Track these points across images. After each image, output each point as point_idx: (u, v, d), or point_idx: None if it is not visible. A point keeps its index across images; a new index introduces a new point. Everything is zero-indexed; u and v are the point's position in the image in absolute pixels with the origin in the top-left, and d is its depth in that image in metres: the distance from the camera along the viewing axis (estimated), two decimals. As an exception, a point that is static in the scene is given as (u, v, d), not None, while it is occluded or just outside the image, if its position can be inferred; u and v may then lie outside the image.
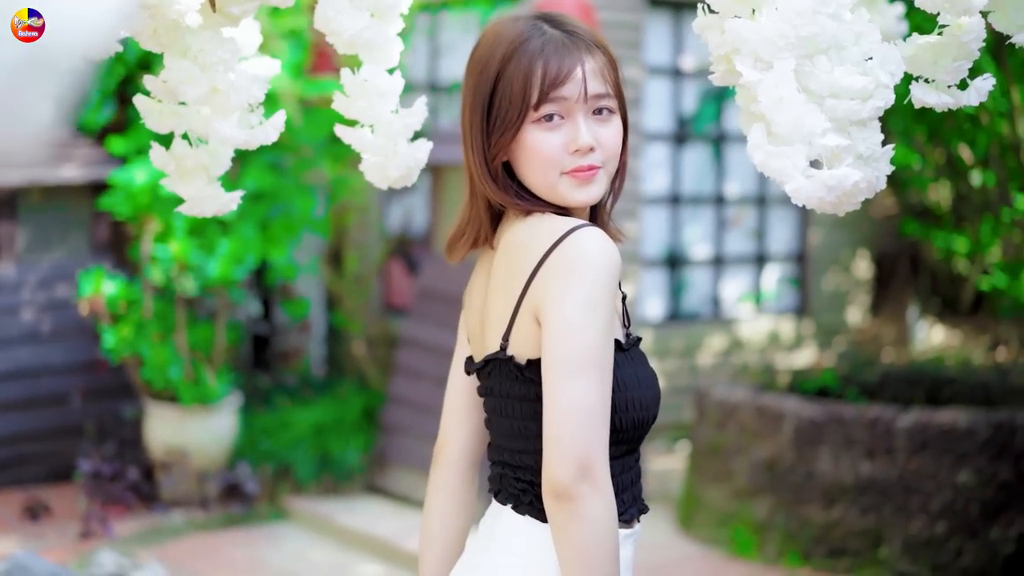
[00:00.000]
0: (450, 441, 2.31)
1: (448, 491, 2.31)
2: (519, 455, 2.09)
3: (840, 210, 2.16)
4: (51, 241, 7.78)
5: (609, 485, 1.93)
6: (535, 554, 2.05)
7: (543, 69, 2.08)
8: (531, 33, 2.12)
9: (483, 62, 2.13)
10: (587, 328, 1.95)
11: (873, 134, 2.20)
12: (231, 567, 6.28)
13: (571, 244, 2.00)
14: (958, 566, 5.86)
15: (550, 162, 2.10)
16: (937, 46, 2.26)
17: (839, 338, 9.37)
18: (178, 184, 2.59)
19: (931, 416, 5.91)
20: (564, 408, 1.93)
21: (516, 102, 2.09)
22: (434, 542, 2.30)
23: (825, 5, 2.12)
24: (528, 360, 2.05)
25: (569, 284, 1.97)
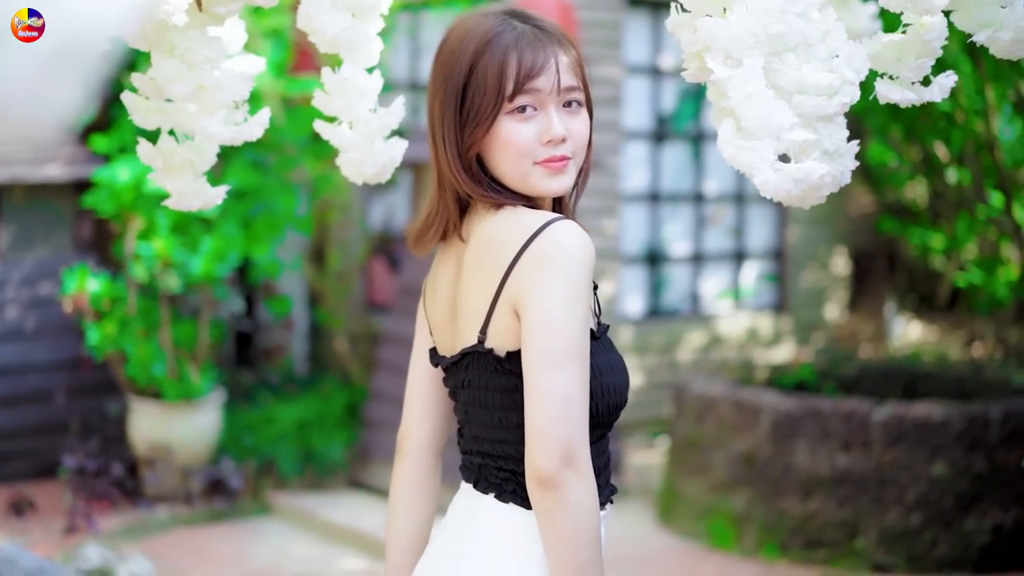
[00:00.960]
0: (413, 432, 2.36)
1: (413, 481, 2.36)
2: (500, 445, 2.15)
3: (806, 203, 2.22)
4: (35, 239, 7.82)
5: (591, 471, 1.99)
6: (520, 540, 2.11)
7: (518, 61, 2.13)
8: (503, 28, 2.17)
9: (454, 56, 2.17)
10: (567, 320, 2.00)
11: (839, 130, 2.26)
12: (215, 561, 6.33)
13: (547, 238, 2.04)
14: (933, 557, 5.95)
15: (524, 152, 2.14)
16: (901, 44, 2.33)
17: (817, 334, 9.46)
18: (165, 179, 2.65)
19: (906, 409, 6.00)
20: (546, 399, 1.98)
21: (491, 94, 2.13)
22: (400, 532, 2.36)
23: (793, 4, 2.18)
24: (508, 352, 2.10)
25: (547, 277, 2.02)
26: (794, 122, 2.15)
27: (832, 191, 2.22)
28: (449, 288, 2.24)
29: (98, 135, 7.41)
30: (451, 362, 2.22)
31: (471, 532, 2.17)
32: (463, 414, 2.24)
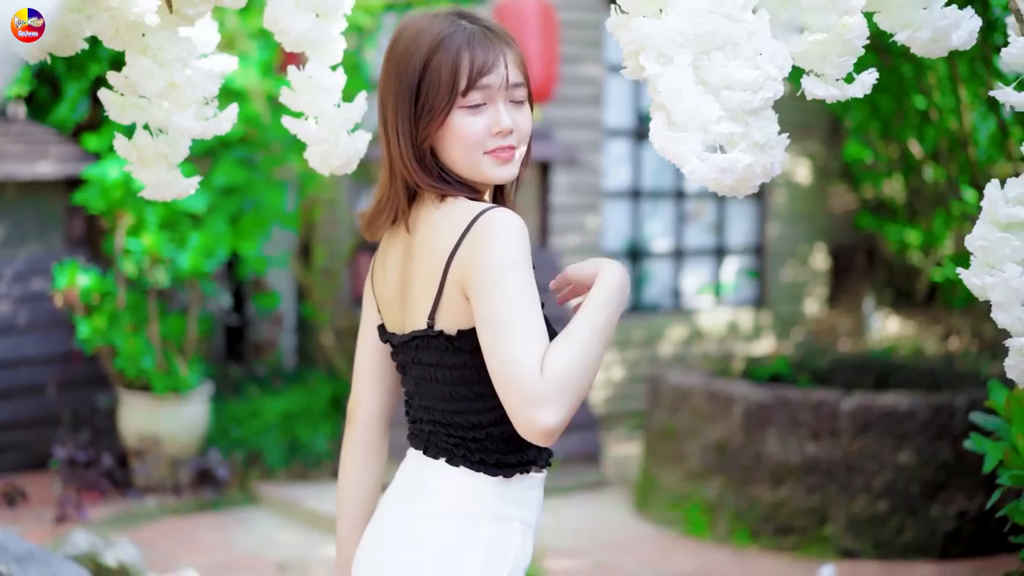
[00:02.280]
0: (363, 401, 2.53)
1: (363, 448, 2.53)
2: (450, 415, 2.32)
3: (739, 193, 2.36)
4: (27, 235, 7.98)
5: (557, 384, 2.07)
6: (469, 500, 2.29)
7: (470, 59, 2.30)
8: (454, 28, 2.33)
9: (407, 54, 2.33)
10: (503, 286, 2.15)
11: (769, 123, 2.40)
12: (201, 549, 6.49)
13: (484, 220, 2.21)
14: (900, 542, 6.11)
15: (475, 143, 2.31)
16: (824, 43, 2.48)
17: (797, 329, 9.62)
18: (140, 171, 2.81)
19: (873, 399, 6.16)
20: (498, 361, 2.12)
21: (445, 90, 2.29)
22: (350, 496, 2.53)
23: (720, 5, 2.33)
24: (459, 331, 2.27)
25: (487, 253, 2.18)
26: (721, 115, 2.30)
27: (763, 180, 2.37)
28: (398, 270, 2.40)
29: (89, 134, 7.58)
30: (401, 341, 2.39)
31: (422, 494, 2.33)
32: (413, 387, 2.41)
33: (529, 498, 2.34)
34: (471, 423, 2.29)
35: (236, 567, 6.19)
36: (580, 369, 2.09)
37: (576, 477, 7.43)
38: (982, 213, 2.51)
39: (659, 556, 6.27)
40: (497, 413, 2.28)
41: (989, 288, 2.47)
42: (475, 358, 2.26)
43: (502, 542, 2.29)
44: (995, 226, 2.49)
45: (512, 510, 2.31)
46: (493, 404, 2.27)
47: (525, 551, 2.33)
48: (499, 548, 2.28)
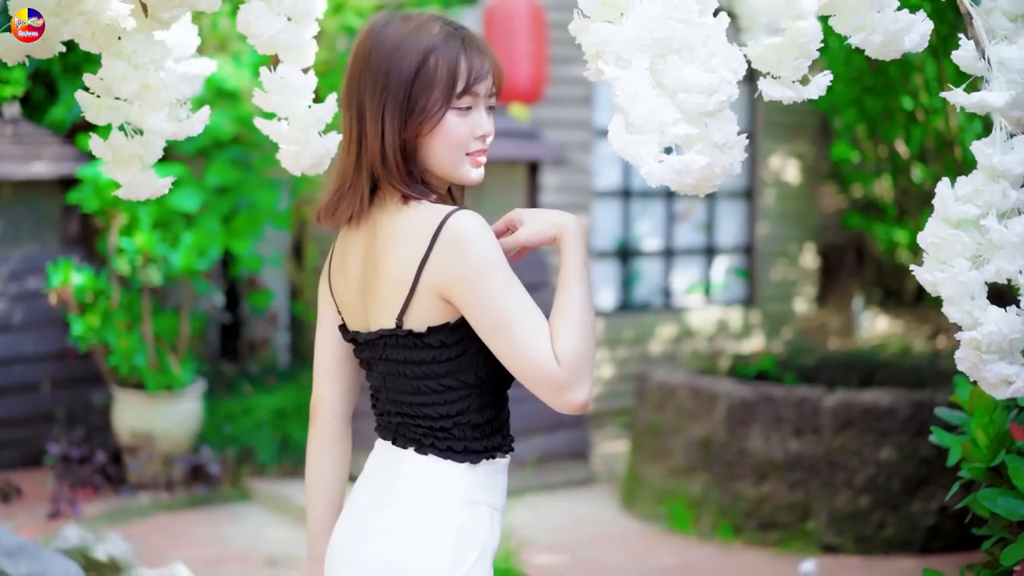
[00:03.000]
0: (325, 399, 2.61)
1: (328, 444, 2.61)
2: (418, 407, 2.41)
3: (700, 192, 2.42)
4: (23, 234, 8.06)
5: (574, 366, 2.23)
6: (439, 486, 2.38)
7: (468, 65, 2.40)
8: (447, 32, 2.42)
9: (400, 52, 2.40)
10: (492, 290, 2.27)
11: (728, 124, 2.46)
12: (193, 544, 6.56)
13: (450, 228, 2.30)
14: (881, 538, 6.18)
15: (461, 144, 2.41)
16: (780, 46, 2.54)
17: (786, 327, 9.68)
18: (115, 171, 2.87)
19: (855, 396, 6.23)
20: (511, 360, 2.26)
21: (442, 91, 2.38)
22: (318, 492, 2.61)
23: (676, 10, 2.40)
24: (428, 328, 2.36)
25: (467, 262, 2.28)
26: (677, 118, 2.36)
27: (723, 180, 2.44)
28: (359, 269, 2.47)
29: (84, 134, 7.65)
30: (367, 339, 2.46)
31: (392, 483, 2.42)
32: (380, 381, 2.49)
33: (495, 482, 2.43)
34: (439, 414, 2.38)
35: (226, 562, 6.26)
36: (586, 343, 2.26)
37: (564, 474, 7.50)
38: (934, 211, 2.58)
39: (642, 551, 6.34)
40: (464, 404, 2.38)
41: (939, 283, 2.54)
42: (443, 353, 2.36)
43: (471, 526, 2.37)
44: (946, 223, 2.56)
45: (480, 494, 2.40)
46: (460, 396, 2.37)
47: (493, 534, 2.42)
48: (469, 531, 2.37)
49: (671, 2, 2.38)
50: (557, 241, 2.42)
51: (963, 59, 2.63)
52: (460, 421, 2.38)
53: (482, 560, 2.38)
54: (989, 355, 2.50)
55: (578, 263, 2.35)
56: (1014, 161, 2.52)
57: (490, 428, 2.41)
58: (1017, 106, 2.61)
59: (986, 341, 2.48)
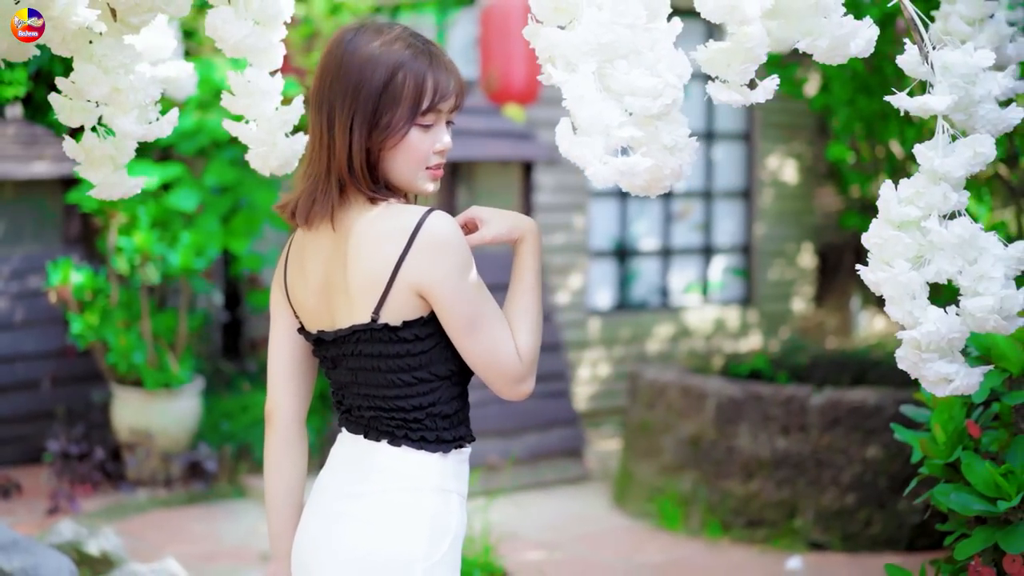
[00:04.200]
0: (280, 404, 2.67)
1: (285, 447, 2.67)
2: (391, 400, 2.50)
3: (651, 192, 2.48)
4: (24, 234, 8.15)
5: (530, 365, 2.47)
6: (413, 475, 2.48)
7: (434, 84, 2.50)
8: (416, 49, 2.51)
9: (370, 65, 2.48)
10: (467, 291, 2.43)
11: (678, 127, 2.52)
12: (188, 539, 6.65)
13: (429, 231, 2.41)
14: (867, 535, 6.24)
15: (421, 159, 2.52)
16: (727, 51, 2.60)
17: (784, 327, 9.73)
18: (88, 171, 2.95)
19: (842, 395, 6.29)
20: (478, 358, 2.44)
21: (407, 106, 2.48)
22: (277, 494, 2.67)
23: (622, 16, 2.46)
24: (404, 322, 2.45)
25: (443, 264, 2.41)
26: (623, 121, 2.43)
27: (674, 181, 2.50)
28: (322, 270, 2.55)
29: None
30: (336, 337, 2.53)
31: (368, 475, 2.50)
32: (349, 377, 2.56)
33: (462, 471, 2.55)
34: (412, 406, 2.48)
35: (220, 557, 6.34)
36: (538, 340, 2.50)
37: (558, 472, 7.56)
38: (879, 212, 2.65)
39: (632, 548, 6.40)
40: (435, 396, 2.49)
41: (881, 283, 2.60)
42: (417, 346, 2.46)
43: (444, 512, 2.48)
44: (889, 224, 2.62)
45: (451, 483, 2.51)
46: (431, 388, 2.48)
47: (463, 520, 2.53)
48: (442, 518, 2.47)
49: (618, 8, 2.44)
50: (518, 243, 2.58)
51: (907, 63, 2.70)
52: (432, 412, 2.48)
53: (454, 545, 2.50)
54: (929, 354, 2.56)
55: (534, 265, 2.54)
56: (955, 164, 2.58)
57: (457, 419, 2.53)
58: (959, 109, 2.68)
59: (925, 340, 2.54)
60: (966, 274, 2.54)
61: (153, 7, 2.81)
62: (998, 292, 2.51)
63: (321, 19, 8.19)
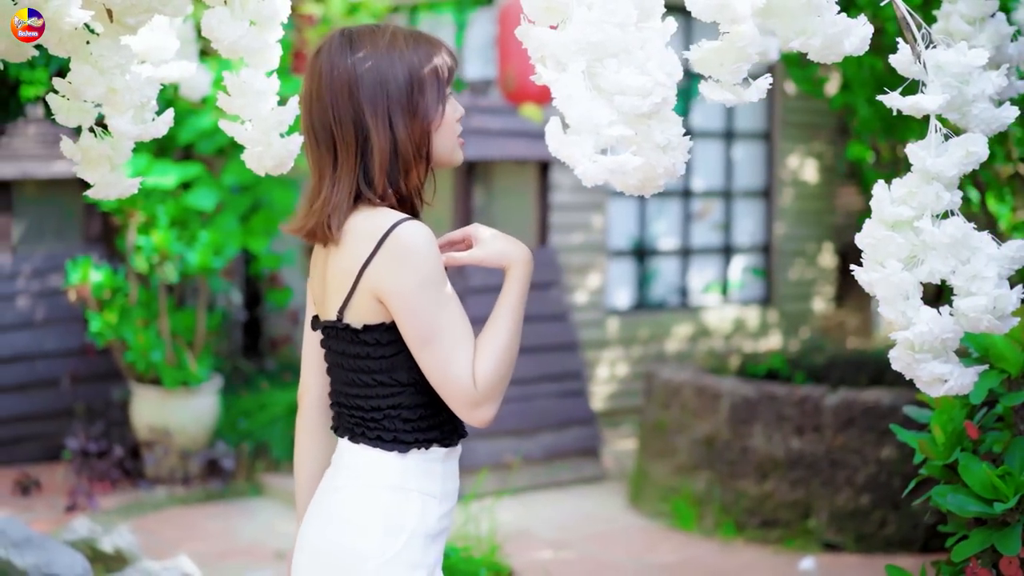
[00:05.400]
0: (310, 387, 2.72)
1: (313, 430, 2.73)
2: (353, 398, 2.53)
3: (645, 192, 2.48)
4: (45, 232, 8.21)
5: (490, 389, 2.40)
6: (370, 472, 2.50)
7: (443, 58, 2.58)
8: (412, 36, 2.57)
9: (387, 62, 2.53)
10: (424, 305, 2.41)
11: (671, 126, 2.52)
12: (204, 536, 6.68)
13: (395, 238, 2.41)
14: (882, 536, 6.21)
15: (454, 129, 2.61)
16: (720, 50, 2.59)
17: (804, 327, 9.70)
18: (85, 171, 2.96)
19: (856, 395, 6.26)
20: (430, 374, 2.42)
21: (436, 86, 2.55)
22: (307, 478, 2.72)
23: (612, 15, 2.46)
24: (364, 325, 2.48)
25: (402, 273, 2.41)
26: (613, 119, 2.42)
27: (668, 180, 2.49)
28: (323, 264, 2.59)
29: (103, 133, 7.77)
30: (319, 328, 2.61)
31: (339, 471, 2.56)
32: (327, 371, 2.63)
33: (431, 470, 2.52)
34: (371, 406, 2.50)
35: (234, 555, 6.37)
36: (504, 370, 2.43)
37: (574, 471, 7.56)
38: (872, 212, 2.64)
39: (645, 548, 6.39)
40: (395, 400, 2.49)
41: (874, 283, 2.59)
42: (377, 350, 2.48)
43: (399, 511, 2.48)
44: (882, 224, 2.61)
45: (412, 482, 2.49)
46: (392, 391, 2.49)
47: (427, 519, 2.50)
48: (396, 516, 2.47)
49: (608, 7, 2.44)
50: (506, 270, 2.54)
51: (900, 63, 2.69)
52: (391, 414, 2.49)
53: (411, 544, 2.47)
54: (922, 354, 2.55)
55: (517, 294, 2.49)
56: (947, 164, 2.57)
57: (425, 424, 2.51)
58: (953, 109, 2.67)
59: (918, 341, 2.53)
60: (959, 274, 2.53)
61: (149, 8, 2.82)
62: (991, 292, 2.50)
63: (338, 19, 8.21)
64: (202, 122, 7.56)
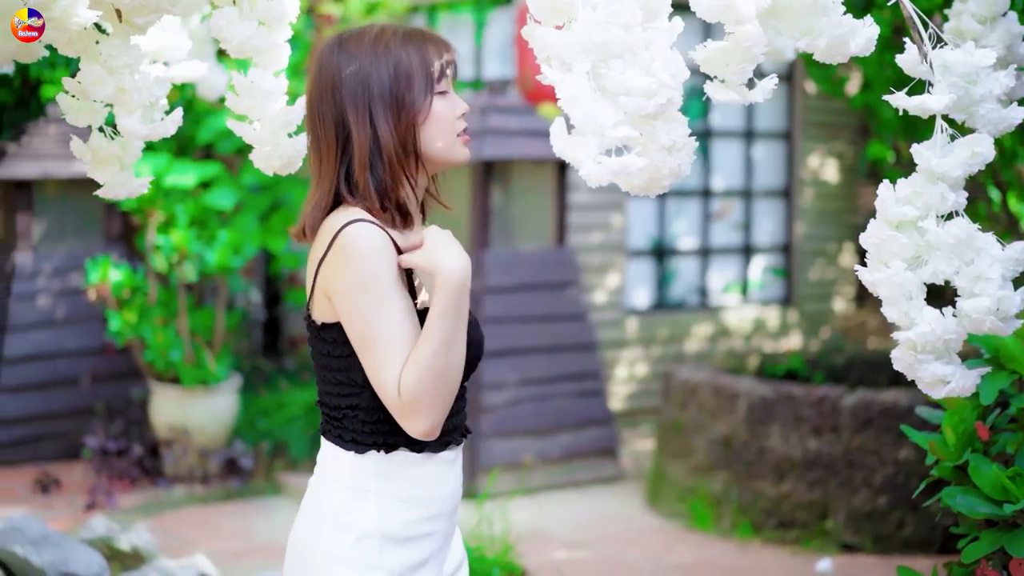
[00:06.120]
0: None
1: None
2: (323, 395, 2.57)
3: (650, 192, 2.48)
4: (66, 232, 8.25)
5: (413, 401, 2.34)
6: (332, 468, 2.51)
7: (435, 51, 2.53)
8: (402, 32, 2.55)
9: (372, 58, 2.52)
10: (361, 307, 2.39)
11: (677, 126, 2.51)
12: (221, 535, 6.70)
13: (342, 238, 2.42)
14: (899, 537, 6.19)
15: (450, 125, 2.54)
16: (725, 50, 2.59)
17: (824, 327, 9.67)
18: (95, 171, 2.98)
19: (874, 396, 6.24)
20: (375, 384, 2.40)
21: (426, 78, 2.51)
22: None
23: (617, 16, 2.46)
24: (323, 323, 2.50)
25: (343, 273, 2.41)
26: (617, 120, 2.42)
27: (673, 181, 2.49)
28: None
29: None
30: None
31: (316, 466, 2.60)
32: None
33: (399, 474, 2.48)
34: (334, 404, 2.52)
35: (251, 554, 6.39)
36: (430, 381, 2.34)
37: (592, 471, 7.56)
38: (877, 212, 2.63)
39: (662, 548, 6.39)
40: (354, 400, 2.49)
41: (878, 283, 2.59)
42: (336, 350, 2.48)
43: (349, 510, 2.47)
44: (886, 224, 2.61)
45: (368, 482, 2.47)
46: (351, 391, 2.49)
47: (388, 521, 2.46)
48: (345, 515, 2.47)
49: (612, 8, 2.44)
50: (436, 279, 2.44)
51: (907, 63, 2.68)
52: (350, 415, 2.49)
53: (363, 544, 2.43)
54: (924, 355, 2.55)
55: (443, 306, 2.37)
56: (952, 164, 2.56)
57: (386, 427, 2.47)
58: (959, 109, 2.65)
59: (921, 341, 2.53)
60: (963, 275, 2.53)
61: (158, 8, 2.83)
62: (995, 293, 2.49)
63: (357, 18, 8.23)
64: (221, 122, 7.59)
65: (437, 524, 2.53)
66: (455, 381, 2.39)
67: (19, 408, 7.90)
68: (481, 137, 7.31)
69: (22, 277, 8.02)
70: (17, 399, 7.91)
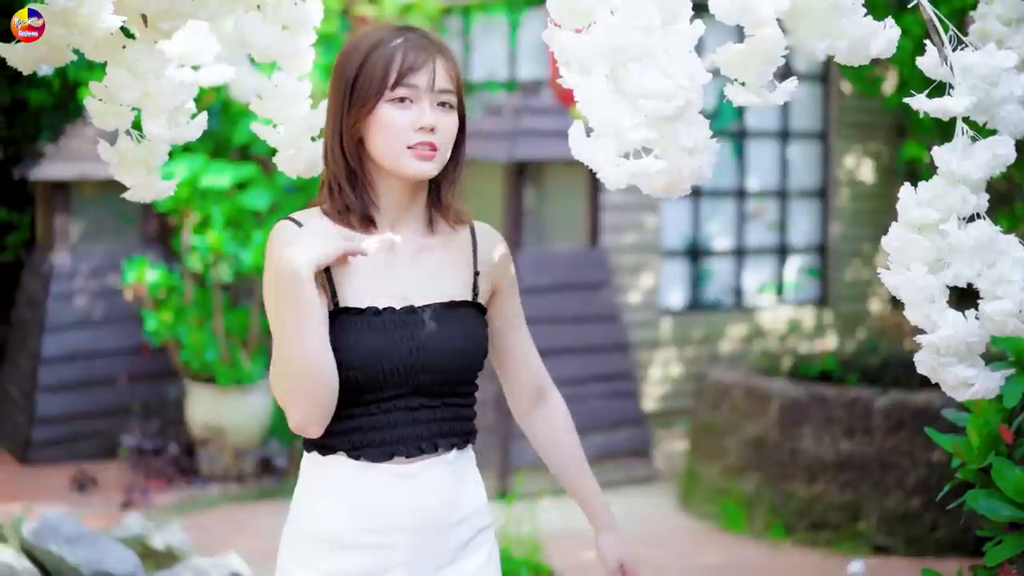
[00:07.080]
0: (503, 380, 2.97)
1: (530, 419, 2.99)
2: None
3: (671, 195, 2.48)
4: (104, 232, 8.32)
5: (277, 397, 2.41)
6: (304, 472, 2.55)
7: (402, 58, 2.51)
8: (393, 34, 2.56)
9: (348, 55, 2.57)
10: (268, 304, 2.47)
11: (698, 129, 2.52)
12: (252, 533, 6.74)
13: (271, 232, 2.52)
14: (932, 539, 6.16)
15: (398, 135, 2.50)
16: (745, 53, 2.58)
17: (860, 328, 9.63)
18: (122, 174, 3.02)
19: (907, 397, 6.22)
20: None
21: (376, 82, 2.51)
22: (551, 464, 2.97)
23: (636, 19, 2.46)
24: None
25: (265, 268, 2.51)
26: (636, 123, 2.43)
27: (694, 183, 2.49)
28: None
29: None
30: None
31: None
32: None
33: (340, 479, 2.44)
34: None
35: (284, 553, 6.42)
36: (279, 376, 2.40)
37: (625, 472, 7.56)
38: (898, 214, 2.63)
39: (692, 549, 6.38)
40: None
41: (900, 287, 2.58)
42: None
43: (297, 507, 2.54)
44: (908, 227, 2.60)
45: (312, 482, 2.50)
46: None
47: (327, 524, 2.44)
48: (294, 511, 2.55)
49: (631, 11, 2.44)
50: None
51: (927, 65, 2.67)
52: None
53: (304, 543, 2.47)
54: (948, 358, 2.54)
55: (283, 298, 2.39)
56: (973, 166, 2.55)
57: (333, 431, 2.44)
58: (980, 111, 2.64)
59: (944, 344, 2.52)
60: (985, 277, 2.52)
61: (183, 13, 2.86)
62: (1017, 295, 2.48)
63: (392, 20, 8.26)
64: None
65: (395, 537, 2.45)
66: (313, 377, 2.36)
67: (57, 407, 7.98)
68: (514, 138, 7.32)
69: (60, 277, 8.10)
70: (55, 398, 7.99)
